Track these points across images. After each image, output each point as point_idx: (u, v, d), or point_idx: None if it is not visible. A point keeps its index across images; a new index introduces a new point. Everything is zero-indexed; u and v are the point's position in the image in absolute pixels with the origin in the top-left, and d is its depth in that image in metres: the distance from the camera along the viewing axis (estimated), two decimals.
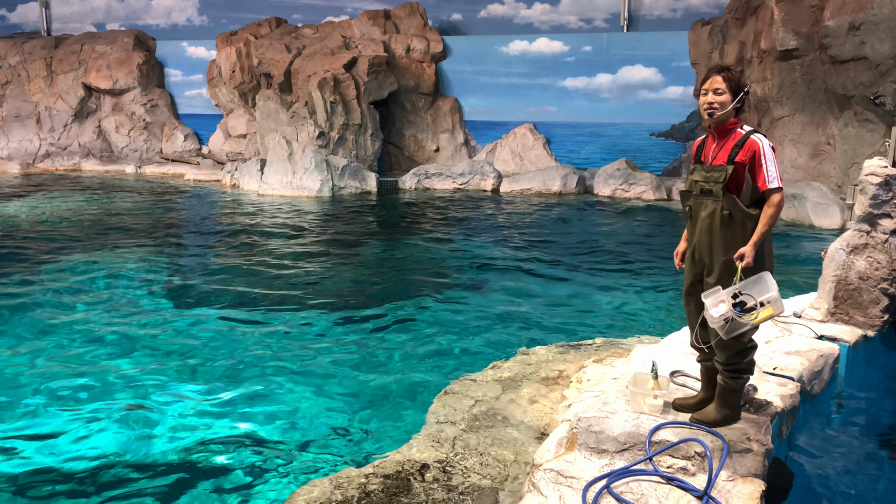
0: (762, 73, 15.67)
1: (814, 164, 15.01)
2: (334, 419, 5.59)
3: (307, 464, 4.91)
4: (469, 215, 15.44)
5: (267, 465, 4.91)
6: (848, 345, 5.32)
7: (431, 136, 21.46)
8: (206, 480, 4.72)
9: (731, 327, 3.62)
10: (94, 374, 6.45)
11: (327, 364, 6.69)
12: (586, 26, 20.85)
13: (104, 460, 4.98)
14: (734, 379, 3.87)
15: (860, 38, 13.50)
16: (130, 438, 5.29)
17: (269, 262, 10.87)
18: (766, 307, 3.59)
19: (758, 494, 3.46)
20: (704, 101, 3.75)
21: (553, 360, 6.12)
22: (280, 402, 5.87)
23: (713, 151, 3.81)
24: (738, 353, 3.84)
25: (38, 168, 23.66)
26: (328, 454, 5.05)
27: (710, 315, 3.62)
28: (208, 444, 5.20)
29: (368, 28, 21.47)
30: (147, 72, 24.15)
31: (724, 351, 3.83)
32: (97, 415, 5.64)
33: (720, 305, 3.60)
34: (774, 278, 3.72)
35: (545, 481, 3.66)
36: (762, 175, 3.63)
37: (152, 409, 5.76)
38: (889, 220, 5.60)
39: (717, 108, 3.71)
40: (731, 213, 3.69)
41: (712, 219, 3.75)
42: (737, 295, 3.60)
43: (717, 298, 3.63)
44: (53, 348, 7.07)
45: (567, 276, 10.15)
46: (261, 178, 18.81)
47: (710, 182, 3.74)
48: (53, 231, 13.24)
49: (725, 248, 3.73)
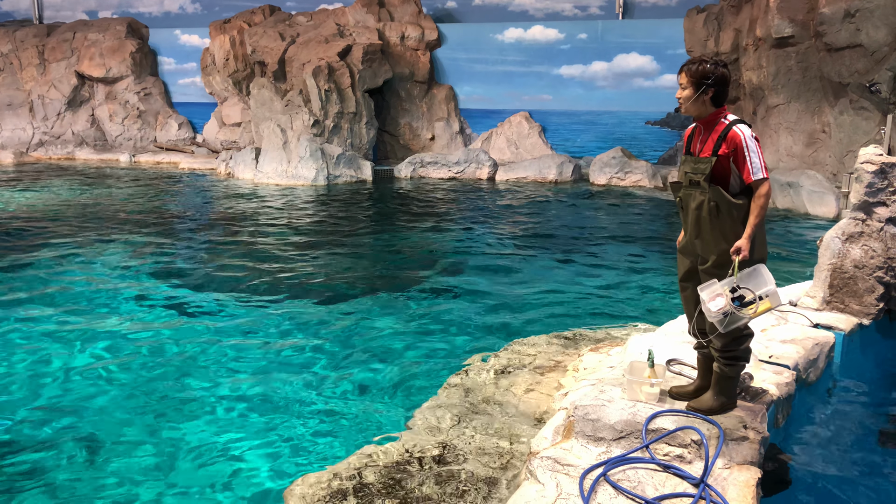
0: (757, 61, 15.65)
1: (809, 153, 15.02)
2: (329, 409, 5.59)
3: (304, 454, 4.91)
4: (464, 204, 15.43)
5: (261, 455, 4.91)
6: (843, 333, 5.34)
7: (426, 125, 21.40)
8: (200, 471, 4.72)
9: (729, 321, 3.63)
10: (93, 373, 6.44)
11: (321, 354, 6.69)
12: (581, 14, 20.77)
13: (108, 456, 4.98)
14: (730, 366, 3.89)
15: (855, 25, 13.48)
16: (136, 427, 5.29)
17: (263, 250, 10.85)
18: (764, 300, 3.62)
19: (753, 482, 3.48)
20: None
21: (549, 349, 6.14)
22: (273, 392, 5.87)
23: (700, 143, 3.86)
24: (735, 339, 3.85)
25: (32, 157, 23.53)
26: (324, 445, 5.06)
27: (707, 309, 3.63)
28: (202, 436, 5.20)
29: (363, 16, 21.36)
30: (140, 60, 24.00)
31: (721, 338, 3.84)
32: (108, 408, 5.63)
33: (718, 299, 3.60)
34: (769, 266, 3.74)
35: (542, 469, 3.68)
36: (746, 168, 3.66)
37: (149, 398, 5.76)
38: (884, 209, 5.61)
39: (681, 102, 3.80)
40: (718, 204, 3.73)
41: (700, 210, 3.79)
42: (735, 289, 3.61)
43: (713, 292, 3.63)
44: (37, 336, 7.06)
45: (563, 265, 10.16)
46: (255, 167, 18.75)
47: (698, 174, 3.78)
48: (41, 221, 13.19)
49: (715, 239, 3.77)
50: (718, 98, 3.77)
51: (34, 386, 6.01)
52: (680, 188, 3.95)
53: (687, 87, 3.76)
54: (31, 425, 5.32)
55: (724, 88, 3.76)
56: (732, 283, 3.63)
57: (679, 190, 3.95)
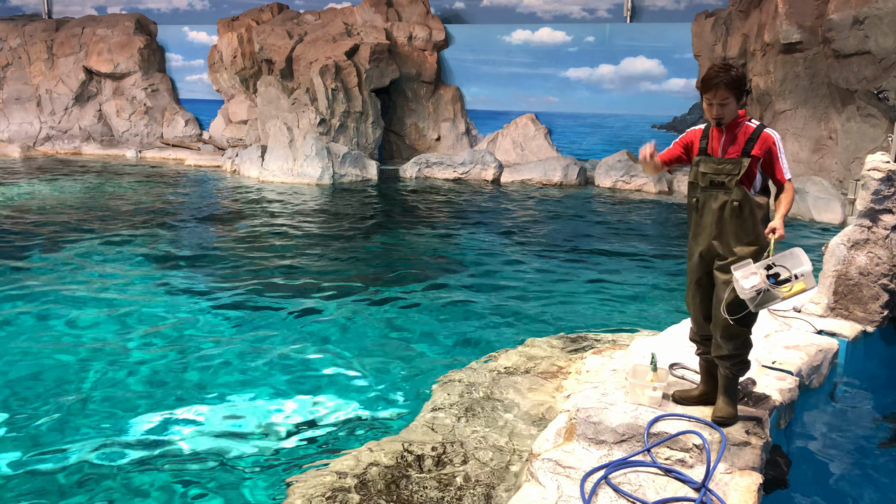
0: (765, 66, 15.62)
1: (815, 159, 14.99)
2: (332, 407, 5.60)
3: (304, 452, 4.92)
4: (469, 205, 15.43)
5: (263, 453, 4.92)
6: (847, 340, 5.33)
7: (432, 125, 21.40)
8: (202, 469, 4.73)
9: (762, 299, 3.59)
10: (98, 373, 6.46)
11: (323, 352, 6.70)
12: (589, 16, 20.76)
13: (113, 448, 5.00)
14: (740, 370, 3.90)
15: (864, 32, 13.45)
16: (134, 426, 5.31)
17: (267, 248, 10.87)
18: (799, 280, 3.59)
19: (755, 487, 3.48)
20: (710, 112, 3.78)
21: (552, 352, 6.13)
22: (275, 390, 5.88)
23: (723, 144, 3.83)
24: (744, 342, 3.87)
25: (39, 151, 23.59)
26: (326, 442, 5.07)
27: (740, 286, 3.58)
28: (204, 433, 5.21)
29: (370, 15, 21.37)
30: (148, 56, 24.04)
31: (731, 340, 3.84)
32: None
33: (751, 277, 3.56)
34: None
35: (543, 471, 3.68)
36: (779, 168, 3.76)
37: (151, 395, 5.77)
38: (890, 216, 5.60)
39: (724, 117, 3.77)
40: (741, 204, 3.75)
41: (723, 210, 3.79)
42: (770, 266, 3.59)
43: (748, 270, 3.59)
44: (42, 329, 7.09)
45: (567, 267, 10.15)
46: (261, 165, 18.77)
47: (722, 175, 3.79)
48: (49, 214, 13.23)
49: (737, 237, 3.78)
50: (742, 101, 3.83)
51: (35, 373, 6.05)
52: (697, 189, 3.93)
53: (729, 99, 3.72)
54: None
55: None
56: (768, 262, 3.61)
57: (696, 190, 3.93)
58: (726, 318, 3.77)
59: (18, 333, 7.04)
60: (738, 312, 3.75)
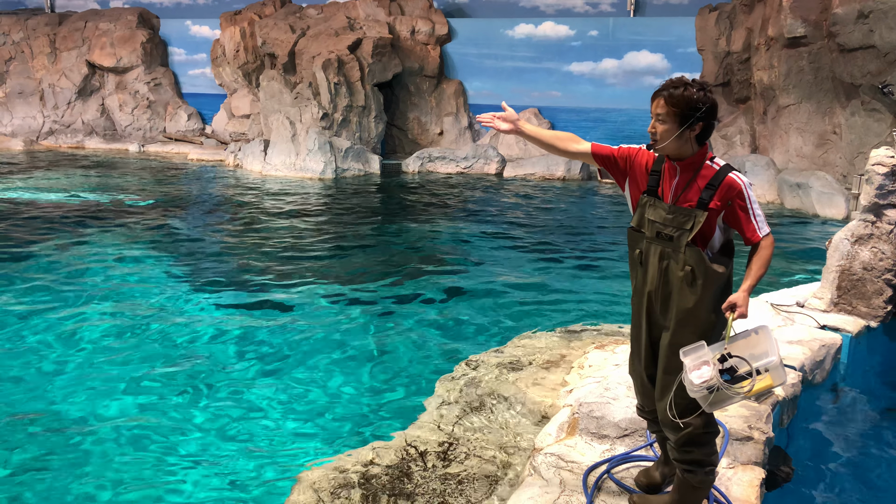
0: (769, 61, 15.57)
1: (819, 153, 14.95)
2: (335, 403, 5.61)
3: (309, 448, 4.93)
4: (472, 199, 15.42)
5: (269, 449, 4.93)
6: (850, 335, 5.33)
7: (435, 119, 21.37)
8: (207, 465, 4.75)
9: (715, 398, 2.76)
10: (99, 371, 6.48)
11: (326, 347, 6.71)
12: (592, 10, 20.69)
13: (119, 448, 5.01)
14: (690, 473, 3.02)
15: (869, 26, 13.40)
16: (140, 421, 5.33)
17: (270, 243, 10.87)
18: (763, 376, 2.75)
19: (758, 482, 3.48)
20: (650, 126, 2.96)
21: (555, 346, 6.14)
22: (280, 386, 5.89)
23: (675, 187, 2.96)
24: (691, 440, 2.96)
25: (42, 145, 23.60)
26: (330, 439, 5.08)
27: (688, 380, 2.76)
28: (208, 430, 5.22)
29: (373, 9, 21.33)
30: (151, 50, 24.03)
31: (672, 431, 2.99)
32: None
33: (703, 368, 2.74)
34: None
35: (546, 465, 3.68)
36: (751, 226, 2.88)
37: (153, 391, 5.79)
38: (894, 211, 5.59)
39: (657, 138, 2.91)
40: (694, 270, 2.89)
41: (669, 273, 2.96)
42: (725, 357, 2.77)
43: (698, 358, 2.77)
44: (43, 328, 7.10)
45: (570, 261, 10.15)
46: (264, 159, 18.77)
47: (671, 227, 2.93)
48: (49, 209, 13.24)
49: (685, 307, 2.93)
50: (705, 134, 2.90)
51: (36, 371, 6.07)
52: (641, 239, 3.05)
53: (667, 119, 2.85)
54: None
55: (713, 122, 2.87)
56: (723, 350, 2.80)
57: (640, 241, 3.05)
58: (674, 419, 2.91)
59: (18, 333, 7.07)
60: (688, 411, 2.90)
